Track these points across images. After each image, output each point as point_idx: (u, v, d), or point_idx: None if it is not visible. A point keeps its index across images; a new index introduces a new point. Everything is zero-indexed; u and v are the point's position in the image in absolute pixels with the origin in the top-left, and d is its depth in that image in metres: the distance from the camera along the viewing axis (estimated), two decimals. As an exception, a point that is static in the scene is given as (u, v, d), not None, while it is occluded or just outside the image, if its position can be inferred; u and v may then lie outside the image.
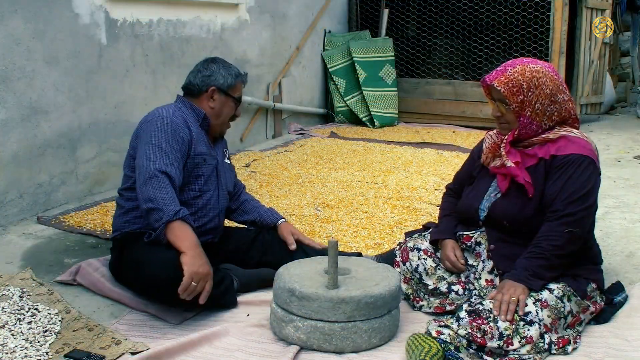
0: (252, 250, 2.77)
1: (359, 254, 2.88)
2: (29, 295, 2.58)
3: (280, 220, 2.89)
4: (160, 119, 2.55)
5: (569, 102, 2.34)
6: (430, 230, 2.63)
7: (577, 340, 2.22)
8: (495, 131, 2.47)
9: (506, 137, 2.37)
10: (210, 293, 2.31)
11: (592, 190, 2.26)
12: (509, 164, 2.33)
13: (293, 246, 2.78)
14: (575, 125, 2.38)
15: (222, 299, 2.48)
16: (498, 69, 2.35)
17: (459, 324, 2.11)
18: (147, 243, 2.39)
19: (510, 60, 2.38)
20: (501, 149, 2.38)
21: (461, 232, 2.50)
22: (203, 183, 2.65)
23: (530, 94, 2.28)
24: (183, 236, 2.31)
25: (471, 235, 2.46)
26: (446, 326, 2.14)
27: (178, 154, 2.52)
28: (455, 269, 2.45)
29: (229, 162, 2.88)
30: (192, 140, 2.60)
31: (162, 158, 2.45)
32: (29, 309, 2.45)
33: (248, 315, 2.47)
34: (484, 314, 2.10)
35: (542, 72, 2.30)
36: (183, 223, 2.34)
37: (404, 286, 2.58)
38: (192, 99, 2.72)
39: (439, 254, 2.53)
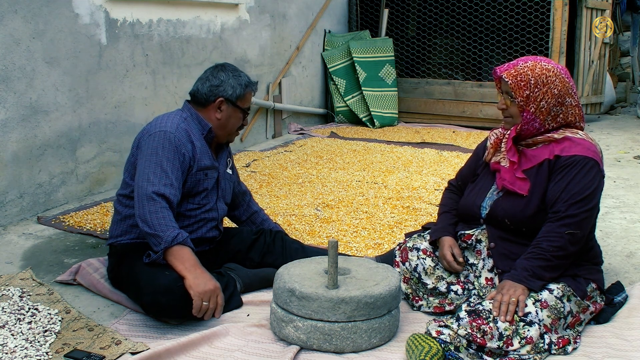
0: (252, 252, 2.77)
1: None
2: (29, 295, 2.58)
3: None
4: (162, 134, 2.49)
5: (576, 108, 2.34)
6: (429, 230, 2.63)
7: (577, 341, 2.22)
8: (500, 128, 2.48)
9: (508, 132, 2.38)
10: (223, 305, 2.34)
11: (595, 193, 2.25)
12: (504, 163, 2.35)
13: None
14: (581, 126, 2.39)
15: (227, 305, 2.47)
16: (511, 62, 2.37)
17: (459, 324, 2.11)
18: (147, 263, 2.38)
19: (525, 56, 2.39)
20: (502, 144, 2.40)
21: (462, 232, 2.50)
22: (203, 197, 2.63)
23: (537, 90, 2.28)
24: (182, 259, 2.31)
25: (472, 233, 2.46)
26: (446, 326, 2.14)
27: (179, 172, 2.48)
28: (452, 269, 2.45)
29: (230, 172, 2.83)
30: (195, 157, 2.55)
31: (161, 178, 2.42)
32: (29, 309, 2.45)
33: (248, 315, 2.47)
34: (484, 314, 2.10)
35: (554, 71, 2.30)
36: (181, 247, 2.34)
37: (403, 286, 2.58)
38: (199, 108, 2.64)
39: (437, 253, 2.53)
